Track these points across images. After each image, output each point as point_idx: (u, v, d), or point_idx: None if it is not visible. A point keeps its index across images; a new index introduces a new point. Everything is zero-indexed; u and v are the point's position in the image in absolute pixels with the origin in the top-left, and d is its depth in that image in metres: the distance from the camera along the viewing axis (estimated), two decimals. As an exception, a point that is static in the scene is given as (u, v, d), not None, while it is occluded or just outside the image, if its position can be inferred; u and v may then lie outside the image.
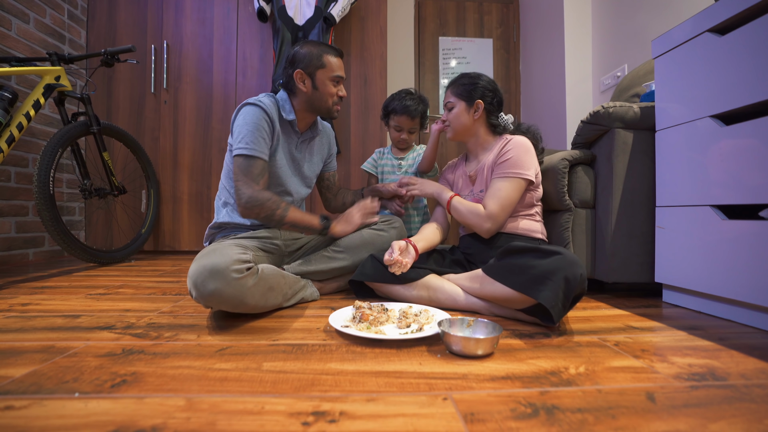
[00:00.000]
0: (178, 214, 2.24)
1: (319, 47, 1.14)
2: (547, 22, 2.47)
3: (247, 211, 1.05)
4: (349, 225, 1.20)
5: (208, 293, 0.79)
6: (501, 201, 1.07)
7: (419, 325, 0.78)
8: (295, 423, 0.45)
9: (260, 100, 1.10)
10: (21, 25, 1.84)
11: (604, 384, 0.57)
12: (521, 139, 1.11)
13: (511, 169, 1.08)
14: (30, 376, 0.58)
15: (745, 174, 0.88)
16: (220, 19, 2.26)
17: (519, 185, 1.08)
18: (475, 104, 1.16)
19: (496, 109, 1.18)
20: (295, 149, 1.21)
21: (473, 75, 1.19)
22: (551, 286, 0.78)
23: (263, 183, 1.07)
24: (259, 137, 1.06)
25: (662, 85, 1.12)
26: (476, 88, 1.16)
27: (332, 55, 1.14)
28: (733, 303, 0.93)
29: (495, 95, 1.17)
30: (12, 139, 1.44)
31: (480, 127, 1.19)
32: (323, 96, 1.15)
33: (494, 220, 1.07)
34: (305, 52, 1.13)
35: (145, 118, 2.23)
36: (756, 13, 0.86)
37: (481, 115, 1.17)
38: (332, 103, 1.17)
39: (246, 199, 1.03)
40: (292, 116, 1.15)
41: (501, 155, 1.11)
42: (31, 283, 1.34)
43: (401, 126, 1.43)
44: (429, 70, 2.90)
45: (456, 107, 1.19)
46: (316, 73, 1.13)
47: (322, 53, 1.13)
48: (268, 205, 1.05)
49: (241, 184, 1.04)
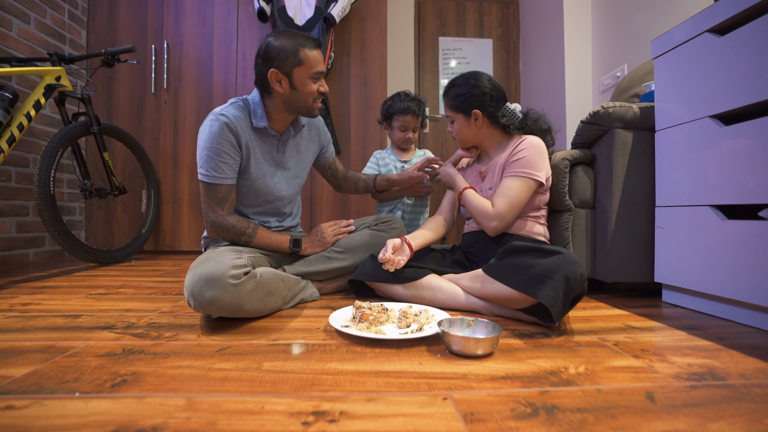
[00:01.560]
0: (178, 214, 2.24)
1: (293, 39, 1.02)
2: (547, 22, 2.47)
3: (213, 233, 1.06)
4: (321, 246, 1.17)
5: (206, 302, 0.78)
6: (510, 200, 1.05)
7: (419, 325, 0.78)
8: (295, 423, 0.46)
9: (223, 113, 1.02)
10: (21, 26, 1.85)
11: (603, 384, 0.57)
12: (535, 139, 1.09)
13: (523, 168, 1.06)
14: (30, 375, 0.58)
15: (744, 174, 0.88)
16: (220, 19, 2.26)
17: (529, 185, 1.07)
18: (472, 115, 1.13)
19: (497, 108, 1.13)
20: (276, 152, 1.14)
21: (462, 83, 1.14)
22: (551, 285, 0.78)
23: (228, 207, 1.06)
24: (218, 162, 1.01)
25: (662, 85, 1.12)
26: (470, 99, 1.12)
27: (309, 47, 1.03)
28: (732, 303, 0.93)
29: (492, 96, 1.12)
30: (13, 139, 1.44)
31: (487, 130, 1.16)
32: (303, 96, 1.05)
33: (502, 219, 1.06)
34: (279, 47, 1.01)
35: (145, 118, 2.23)
36: (756, 13, 0.86)
37: (482, 121, 1.14)
38: (313, 100, 1.07)
39: (211, 223, 1.05)
40: (263, 123, 1.07)
41: (514, 154, 1.09)
42: (32, 283, 1.34)
43: (406, 125, 1.45)
44: (429, 70, 2.90)
45: (456, 121, 1.18)
46: (293, 72, 1.02)
47: (298, 47, 1.01)
48: (233, 231, 1.05)
49: (206, 207, 1.04)
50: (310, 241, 1.17)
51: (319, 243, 1.17)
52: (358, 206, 2.32)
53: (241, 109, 1.06)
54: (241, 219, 1.07)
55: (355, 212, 2.32)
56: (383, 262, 1.00)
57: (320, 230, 1.20)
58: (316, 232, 1.20)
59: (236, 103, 1.07)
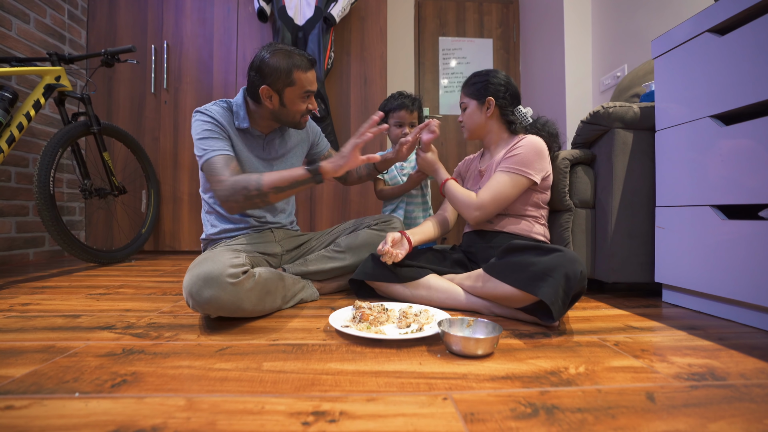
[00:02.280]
0: (178, 214, 2.24)
1: (288, 59, 1.01)
2: (547, 22, 2.47)
3: (230, 203, 0.97)
4: (343, 158, 0.97)
5: (205, 301, 0.78)
6: (494, 193, 1.07)
7: (419, 325, 0.78)
8: (295, 423, 0.46)
9: (207, 109, 1.06)
10: (21, 26, 1.85)
11: (603, 384, 0.57)
12: (535, 139, 1.10)
13: (516, 165, 1.07)
14: (30, 375, 0.58)
15: (744, 174, 0.88)
16: (220, 19, 2.26)
17: (518, 182, 1.07)
18: (486, 101, 1.16)
19: (510, 104, 1.17)
20: (262, 150, 1.15)
21: (484, 73, 1.19)
22: (551, 283, 0.78)
23: (232, 169, 0.99)
24: (210, 137, 1.02)
25: (662, 85, 1.12)
26: (486, 86, 1.16)
27: (303, 69, 1.03)
28: (732, 303, 0.93)
29: (507, 89, 1.16)
30: (12, 139, 1.44)
31: (494, 124, 1.18)
32: (291, 113, 1.08)
33: (483, 209, 1.08)
34: (273, 66, 1.01)
35: (145, 118, 2.23)
36: (756, 13, 0.86)
37: (493, 111, 1.17)
38: (300, 116, 1.09)
39: (223, 195, 0.96)
40: (245, 124, 1.08)
41: (510, 150, 1.11)
42: (32, 283, 1.34)
43: (402, 121, 1.46)
44: (429, 70, 2.90)
45: (469, 107, 1.20)
46: (284, 91, 1.04)
47: (291, 68, 1.01)
48: (240, 183, 0.95)
49: (214, 185, 0.98)
50: (330, 160, 0.99)
51: (340, 156, 0.98)
52: (358, 206, 2.32)
53: (225, 109, 1.09)
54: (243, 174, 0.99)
55: (355, 212, 2.32)
56: (382, 254, 1.00)
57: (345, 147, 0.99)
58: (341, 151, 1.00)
59: (220, 103, 1.10)
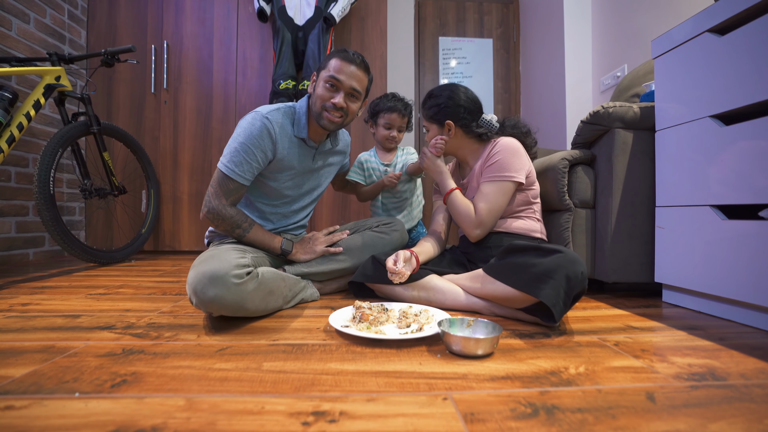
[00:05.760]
0: (178, 214, 2.24)
1: (338, 51, 1.07)
2: (547, 22, 2.47)
3: (207, 219, 1.04)
4: (311, 254, 1.15)
5: (209, 300, 0.78)
6: (490, 206, 1.07)
7: (419, 325, 0.78)
8: (295, 423, 0.46)
9: (269, 116, 1.04)
10: (21, 25, 1.84)
11: (604, 384, 0.57)
12: (508, 140, 1.10)
13: (498, 172, 1.07)
14: (30, 376, 0.58)
15: (744, 174, 0.88)
16: (220, 19, 2.26)
17: (506, 188, 1.07)
18: (445, 125, 1.15)
19: (471, 120, 1.14)
20: (311, 161, 1.17)
21: (436, 94, 1.16)
22: (553, 285, 0.78)
23: (232, 200, 1.05)
24: (243, 160, 1.02)
25: (662, 85, 1.12)
26: (442, 110, 1.14)
27: (339, 57, 1.05)
28: (733, 303, 0.93)
29: (465, 108, 1.13)
30: (12, 139, 1.44)
31: (462, 140, 1.17)
32: (315, 99, 1.08)
33: (483, 226, 1.09)
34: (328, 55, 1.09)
35: (145, 118, 2.23)
36: (756, 13, 0.86)
37: (456, 132, 1.16)
38: (321, 107, 1.06)
39: (209, 209, 1.02)
40: (303, 134, 1.10)
41: (488, 159, 1.11)
42: (32, 283, 1.34)
43: (392, 124, 1.45)
44: (429, 70, 2.90)
45: (431, 130, 1.20)
46: (319, 74, 1.09)
47: (332, 56, 1.06)
48: (229, 221, 1.03)
49: (211, 193, 1.03)
50: (301, 247, 1.17)
51: (310, 251, 1.16)
52: (358, 206, 2.32)
53: (287, 116, 1.09)
54: (240, 212, 1.06)
55: (355, 213, 2.32)
56: (392, 272, 0.98)
57: (313, 238, 1.19)
58: (309, 240, 1.19)
59: (283, 109, 1.09)
